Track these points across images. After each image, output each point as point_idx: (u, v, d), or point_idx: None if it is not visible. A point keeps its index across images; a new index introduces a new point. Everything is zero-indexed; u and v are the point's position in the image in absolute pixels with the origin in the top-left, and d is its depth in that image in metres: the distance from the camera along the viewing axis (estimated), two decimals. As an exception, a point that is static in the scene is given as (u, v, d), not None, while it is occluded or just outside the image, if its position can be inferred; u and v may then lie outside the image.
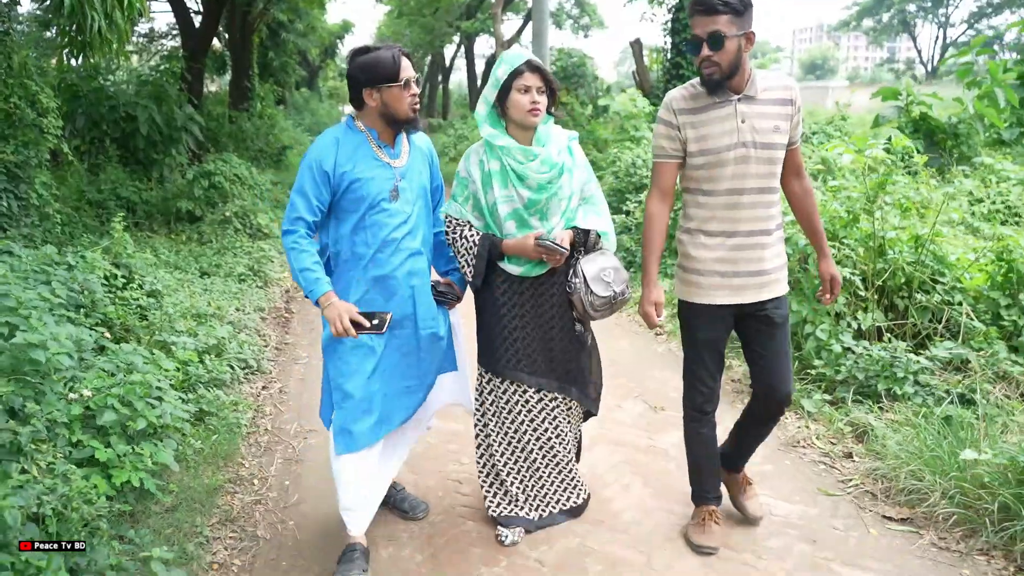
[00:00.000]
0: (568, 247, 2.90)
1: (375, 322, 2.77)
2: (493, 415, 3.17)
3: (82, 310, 4.23)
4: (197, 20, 13.65)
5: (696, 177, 2.84)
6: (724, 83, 2.70)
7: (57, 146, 6.89)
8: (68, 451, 2.91)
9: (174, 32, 17.17)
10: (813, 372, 4.46)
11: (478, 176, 2.95)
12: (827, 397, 4.30)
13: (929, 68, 62.57)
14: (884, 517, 3.27)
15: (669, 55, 12.29)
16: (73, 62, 9.34)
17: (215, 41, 16.02)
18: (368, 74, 2.74)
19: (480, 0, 28.08)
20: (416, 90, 2.82)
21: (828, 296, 3.01)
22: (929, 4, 64.40)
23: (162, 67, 11.13)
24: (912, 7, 65.66)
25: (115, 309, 4.53)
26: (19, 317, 3.20)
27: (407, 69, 2.78)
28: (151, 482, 2.98)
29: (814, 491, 3.52)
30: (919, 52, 71.59)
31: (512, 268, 2.99)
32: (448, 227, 3.05)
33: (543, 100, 2.85)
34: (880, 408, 4.02)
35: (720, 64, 2.64)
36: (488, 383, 3.16)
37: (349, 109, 2.96)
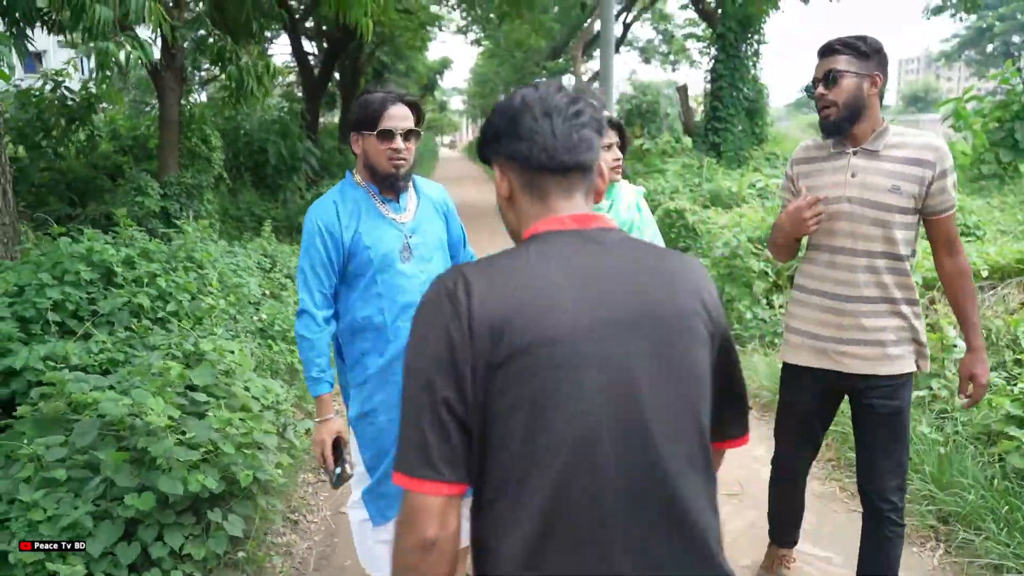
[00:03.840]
0: None
1: (338, 471, 2.49)
2: None
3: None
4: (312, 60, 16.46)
5: None
6: (844, 127, 2.48)
7: (220, 174, 9.44)
8: (255, 348, 5.19)
9: (292, 66, 19.68)
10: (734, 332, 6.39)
11: None
12: (740, 348, 6.21)
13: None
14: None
15: (709, 100, 14.16)
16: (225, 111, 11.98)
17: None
18: (354, 116, 2.44)
19: (565, 43, 30.33)
20: (399, 145, 2.40)
21: (965, 400, 2.62)
22: (1033, 34, 63.49)
23: (286, 108, 13.82)
24: (1017, 38, 64.66)
25: (266, 281, 6.87)
26: (227, 272, 5.55)
27: (391, 119, 2.38)
28: (299, 365, 5.23)
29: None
30: None
31: None
32: None
33: (621, 156, 2.75)
34: (766, 353, 5.93)
35: (837, 102, 2.45)
36: None
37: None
